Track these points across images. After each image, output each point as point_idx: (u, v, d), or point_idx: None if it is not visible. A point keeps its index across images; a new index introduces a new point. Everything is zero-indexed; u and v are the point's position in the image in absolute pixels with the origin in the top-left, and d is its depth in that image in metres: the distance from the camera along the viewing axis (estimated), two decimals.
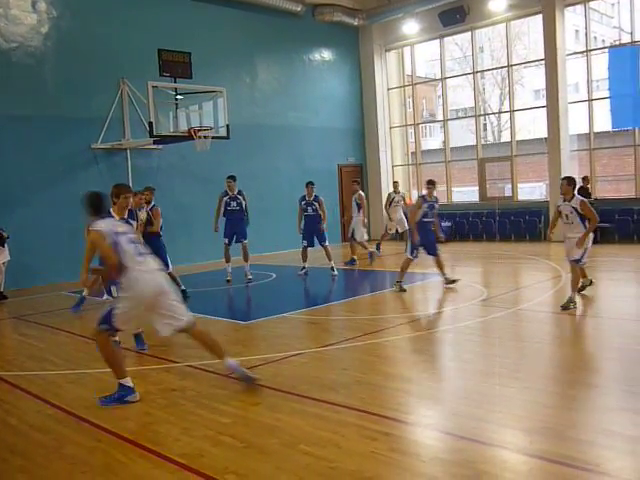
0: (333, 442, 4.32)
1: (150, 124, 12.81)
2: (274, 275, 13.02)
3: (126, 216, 6.09)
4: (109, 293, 9.37)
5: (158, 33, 14.94)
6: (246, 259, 12.34)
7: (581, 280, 9.02)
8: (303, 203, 12.97)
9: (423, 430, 4.63)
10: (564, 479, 3.68)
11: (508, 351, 6.47)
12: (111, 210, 5.82)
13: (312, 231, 12.79)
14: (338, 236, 19.19)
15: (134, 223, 8.88)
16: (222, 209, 12.31)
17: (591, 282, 9.49)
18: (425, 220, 10.43)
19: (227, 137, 13.89)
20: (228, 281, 12.15)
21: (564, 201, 8.77)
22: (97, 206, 5.52)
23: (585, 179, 16.03)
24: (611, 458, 3.92)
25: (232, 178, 12.43)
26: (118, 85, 14.63)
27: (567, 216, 8.75)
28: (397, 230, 15.64)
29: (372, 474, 3.84)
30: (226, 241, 12.34)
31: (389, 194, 16.05)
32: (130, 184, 14.67)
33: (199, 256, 15.49)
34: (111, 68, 14.48)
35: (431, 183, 10.62)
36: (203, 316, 9.14)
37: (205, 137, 13.20)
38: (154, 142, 14.00)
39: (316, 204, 12.83)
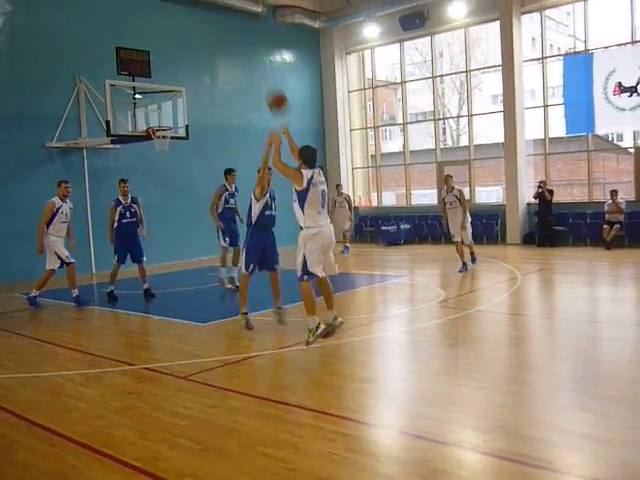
0: (291, 443, 4.31)
1: (107, 123, 12.63)
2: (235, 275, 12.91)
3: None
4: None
5: (116, 31, 14.71)
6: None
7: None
8: (226, 194, 11.20)
9: (380, 430, 4.66)
10: (519, 476, 3.75)
11: (465, 352, 6.56)
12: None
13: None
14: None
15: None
16: (222, 206, 10.91)
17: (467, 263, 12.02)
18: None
19: (186, 137, 13.78)
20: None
21: (447, 192, 12.12)
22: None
23: (542, 183, 16.39)
24: (564, 455, 4.01)
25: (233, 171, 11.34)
26: (74, 83, 14.36)
27: (451, 203, 12.02)
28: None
29: (329, 474, 3.84)
30: (227, 242, 10.97)
31: (332, 197, 16.22)
32: (86, 184, 14.51)
33: (156, 257, 15.27)
34: (67, 65, 14.20)
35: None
36: (160, 318, 9.06)
37: (164, 137, 13.06)
38: (112, 142, 13.79)
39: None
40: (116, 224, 10.36)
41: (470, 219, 12.50)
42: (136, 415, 5.11)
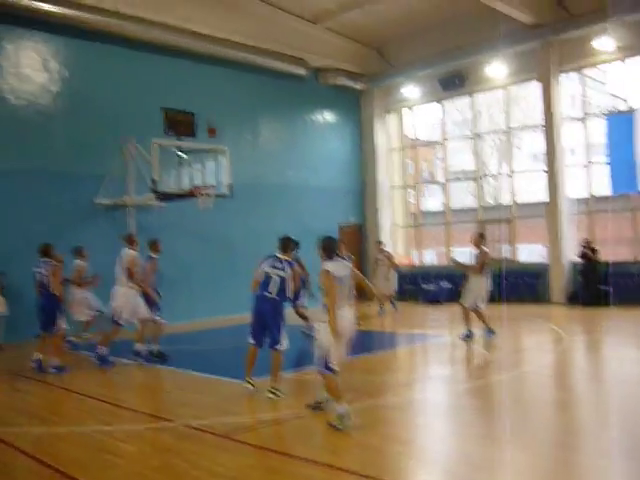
0: None
1: (153, 181, 12.95)
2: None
3: None
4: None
5: (163, 93, 15.28)
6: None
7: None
8: None
9: None
10: None
11: (510, 414, 6.37)
12: None
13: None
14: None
15: None
16: None
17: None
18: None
19: (230, 196, 14.02)
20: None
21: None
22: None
23: (586, 242, 16.10)
24: None
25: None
26: (123, 143, 14.87)
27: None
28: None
29: None
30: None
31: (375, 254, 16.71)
32: None
33: (197, 313, 15.42)
34: (117, 126, 14.74)
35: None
36: (200, 374, 9.06)
37: (208, 195, 13.33)
38: (157, 199, 14.12)
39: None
40: None
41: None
42: (175, 473, 5.07)
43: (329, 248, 6.68)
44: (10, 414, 7.33)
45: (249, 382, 7.52)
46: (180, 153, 13.60)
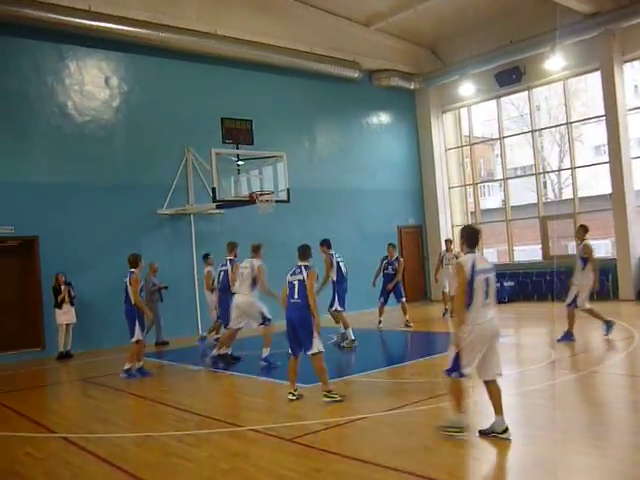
0: None
1: (213, 190, 13.18)
2: (334, 337, 12.92)
3: None
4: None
5: (221, 102, 15.55)
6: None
7: None
8: (385, 262, 13.77)
9: None
10: None
11: (583, 417, 6.18)
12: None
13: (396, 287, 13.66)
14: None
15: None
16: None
17: None
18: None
19: (287, 201, 14.14)
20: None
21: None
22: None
23: None
24: None
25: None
26: (183, 153, 15.20)
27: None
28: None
29: None
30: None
31: (439, 253, 16.11)
32: (193, 248, 15.13)
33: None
34: (176, 137, 15.11)
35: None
36: (265, 379, 9.15)
37: (267, 201, 13.47)
38: (217, 207, 14.37)
39: (396, 264, 13.64)
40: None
41: None
42: (243, 477, 5.13)
43: (469, 237, 5.90)
44: (84, 420, 7.58)
45: (291, 393, 7.55)
46: (239, 161, 13.80)
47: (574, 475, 4.61)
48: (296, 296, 7.48)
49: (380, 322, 13.80)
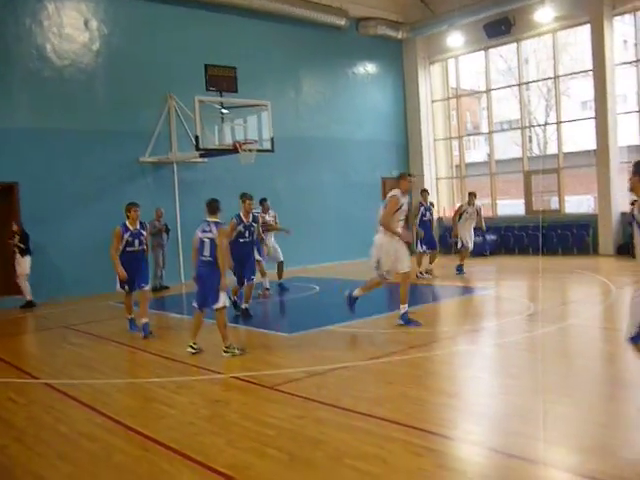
0: (379, 457, 4.27)
1: (196, 138, 13.02)
2: (317, 288, 13.03)
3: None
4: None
5: (204, 49, 15.21)
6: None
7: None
8: (422, 209, 13.65)
9: (469, 447, 4.54)
10: None
11: (558, 367, 6.32)
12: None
13: (431, 236, 13.86)
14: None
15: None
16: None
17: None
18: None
19: (272, 150, 14.02)
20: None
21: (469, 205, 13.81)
22: None
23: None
24: None
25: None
26: (165, 100, 14.93)
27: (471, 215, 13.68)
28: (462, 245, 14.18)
29: None
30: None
31: (460, 206, 14.67)
32: (176, 196, 15.02)
33: None
34: (158, 83, 14.80)
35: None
36: (247, 328, 9.22)
37: (250, 150, 13.35)
38: (200, 155, 14.22)
39: (432, 209, 13.81)
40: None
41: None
42: (225, 423, 5.21)
43: None
44: (66, 367, 7.62)
45: (190, 346, 7.67)
46: (223, 109, 13.60)
47: (548, 423, 4.73)
48: (207, 253, 7.50)
49: (427, 272, 13.69)
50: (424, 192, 14.13)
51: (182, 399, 5.96)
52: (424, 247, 13.67)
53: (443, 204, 21.00)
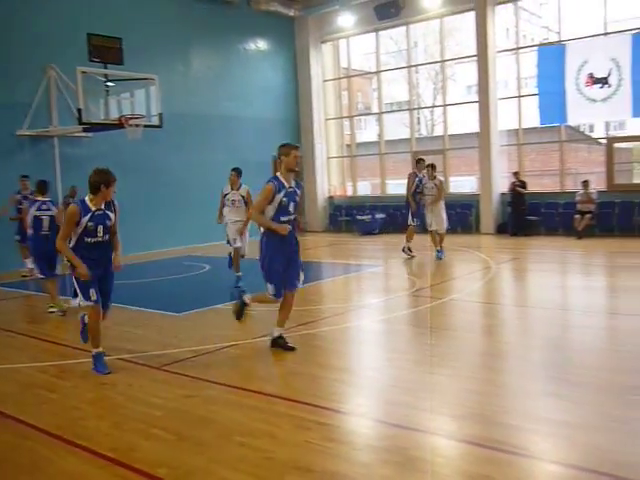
0: (268, 433, 4.31)
1: (79, 111, 12.41)
2: (207, 267, 12.88)
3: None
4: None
5: (88, 17, 14.43)
6: None
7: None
8: (417, 180, 12.74)
9: (356, 419, 4.67)
10: (494, 463, 3.79)
11: (439, 340, 6.60)
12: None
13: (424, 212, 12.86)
14: None
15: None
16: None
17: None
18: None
19: (160, 126, 13.62)
20: None
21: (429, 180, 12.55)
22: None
23: (516, 174, 16.62)
24: (538, 441, 4.06)
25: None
26: (44, 70, 14.08)
27: (430, 190, 12.54)
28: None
29: (306, 463, 3.85)
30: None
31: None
32: (57, 172, 14.27)
33: (132, 247, 15.11)
34: (38, 53, 13.91)
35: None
36: (135, 308, 8.97)
37: (137, 125, 12.90)
38: (84, 130, 13.56)
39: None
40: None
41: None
42: (110, 406, 5.07)
43: None
44: None
45: (51, 306, 8.81)
46: (107, 82, 13.02)
47: (429, 393, 4.95)
48: (46, 229, 8.54)
49: (409, 249, 12.87)
50: (420, 161, 12.85)
51: (65, 383, 5.73)
52: (416, 220, 12.91)
53: (334, 182, 21.28)
